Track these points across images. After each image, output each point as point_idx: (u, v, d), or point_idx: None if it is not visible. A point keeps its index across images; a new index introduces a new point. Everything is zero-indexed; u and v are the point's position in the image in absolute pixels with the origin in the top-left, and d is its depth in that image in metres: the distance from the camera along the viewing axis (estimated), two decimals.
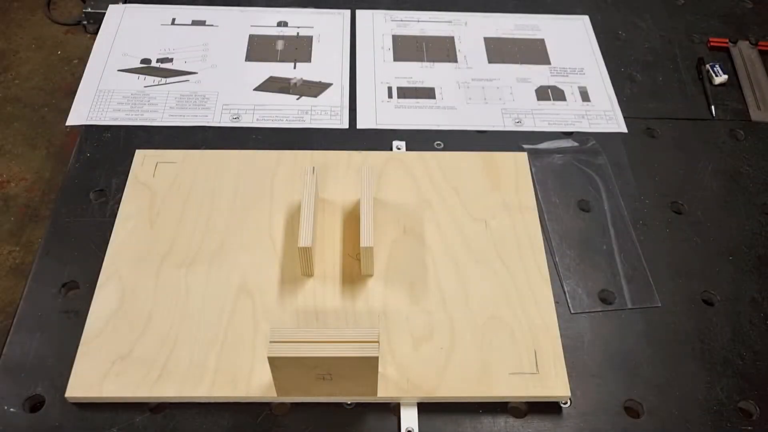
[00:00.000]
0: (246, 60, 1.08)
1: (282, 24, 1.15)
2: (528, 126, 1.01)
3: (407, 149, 0.96)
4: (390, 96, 1.04)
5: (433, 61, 1.10)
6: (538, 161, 0.95)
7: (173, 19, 1.14)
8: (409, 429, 0.70)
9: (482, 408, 0.72)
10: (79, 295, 0.79)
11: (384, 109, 1.02)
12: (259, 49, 1.10)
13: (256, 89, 1.04)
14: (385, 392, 0.71)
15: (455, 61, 1.10)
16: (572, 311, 0.81)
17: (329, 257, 0.82)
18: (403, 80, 1.07)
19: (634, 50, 1.13)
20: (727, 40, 1.14)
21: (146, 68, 1.06)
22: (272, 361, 0.64)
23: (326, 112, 1.01)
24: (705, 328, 0.80)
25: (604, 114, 1.03)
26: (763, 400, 0.74)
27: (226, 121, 0.99)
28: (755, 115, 1.05)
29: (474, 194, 0.89)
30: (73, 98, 1.01)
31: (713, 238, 0.89)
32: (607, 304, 0.82)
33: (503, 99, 1.05)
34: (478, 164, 0.93)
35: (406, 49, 1.12)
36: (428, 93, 1.05)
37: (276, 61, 1.09)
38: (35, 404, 0.71)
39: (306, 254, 0.77)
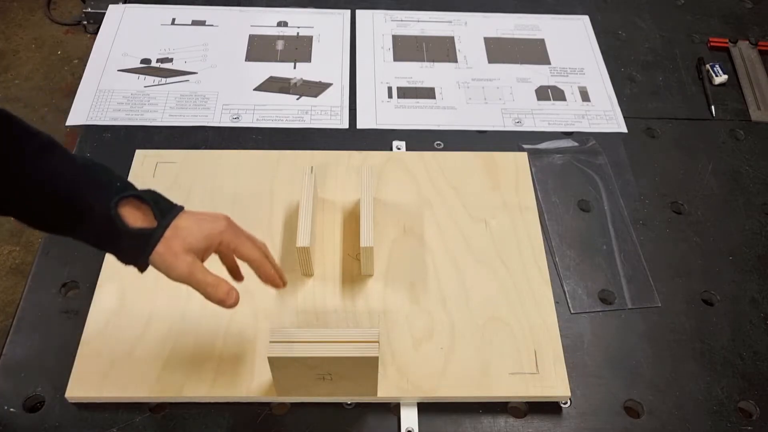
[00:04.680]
0: (246, 60, 1.08)
1: (282, 24, 1.15)
2: (528, 126, 1.01)
3: (407, 149, 0.96)
4: (390, 96, 1.04)
5: (433, 61, 1.10)
6: (538, 161, 0.95)
7: (173, 19, 1.14)
8: (409, 429, 0.70)
9: (482, 408, 0.72)
10: (79, 295, 0.79)
11: (384, 109, 1.02)
12: (259, 49, 1.10)
13: (256, 89, 1.04)
14: (385, 392, 0.71)
15: (455, 61, 1.10)
16: (572, 311, 0.81)
17: (329, 257, 0.82)
18: (403, 80, 1.07)
19: (634, 50, 1.13)
20: (727, 40, 1.14)
21: (146, 68, 1.06)
22: (272, 361, 0.64)
23: (326, 112, 1.01)
24: (705, 328, 0.80)
25: (604, 114, 1.03)
26: (763, 400, 0.74)
27: (226, 121, 0.99)
28: (755, 115, 1.05)
29: (474, 194, 0.89)
30: (73, 98, 1.01)
31: (713, 238, 0.89)
32: (607, 304, 0.82)
33: (503, 99, 1.05)
34: (478, 164, 0.93)
35: (406, 49, 1.12)
36: (428, 93, 1.05)
37: (276, 61, 1.09)
38: (35, 404, 0.71)
39: (305, 254, 0.77)
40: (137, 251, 0.60)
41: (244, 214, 0.85)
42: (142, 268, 0.62)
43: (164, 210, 0.62)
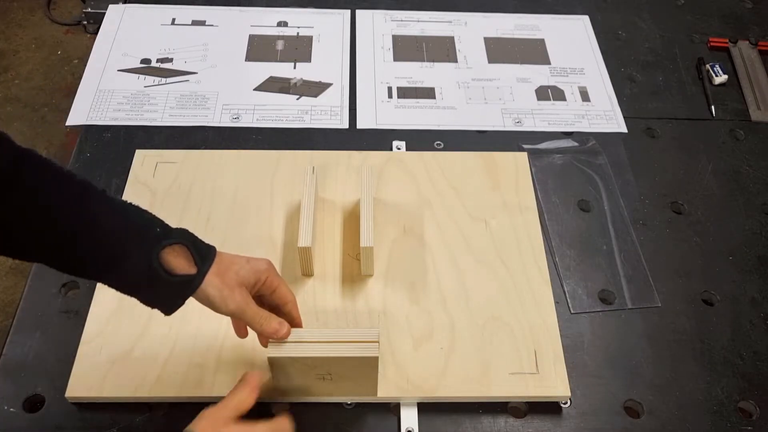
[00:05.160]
0: (246, 60, 1.08)
1: (282, 24, 1.15)
2: (528, 126, 1.01)
3: (407, 149, 0.96)
4: (390, 96, 1.04)
5: (433, 61, 1.10)
6: (538, 161, 0.95)
7: (173, 19, 1.14)
8: (409, 429, 0.70)
9: (482, 408, 0.72)
10: (79, 295, 0.79)
11: (384, 109, 1.02)
12: (259, 49, 1.10)
13: (256, 89, 1.04)
14: (385, 392, 0.71)
15: (455, 61, 1.10)
16: (572, 311, 0.81)
17: (329, 257, 0.82)
18: (403, 80, 1.07)
19: (634, 50, 1.13)
20: (727, 40, 1.14)
21: (146, 68, 1.06)
22: (272, 361, 0.64)
23: (326, 112, 1.01)
24: (705, 328, 0.80)
25: (604, 114, 1.03)
26: (763, 400, 0.74)
27: (226, 121, 0.99)
28: (755, 115, 1.05)
29: (474, 194, 0.89)
30: (73, 98, 1.01)
31: (713, 238, 0.89)
32: (607, 304, 0.82)
33: (503, 99, 1.05)
34: (478, 164, 0.93)
35: (406, 49, 1.12)
36: (428, 93, 1.05)
37: (276, 61, 1.09)
38: (35, 404, 0.71)
39: (306, 254, 0.77)
40: (175, 297, 0.60)
41: (244, 214, 0.85)
42: (168, 312, 0.60)
43: (203, 253, 0.61)
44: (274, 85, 1.05)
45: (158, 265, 0.57)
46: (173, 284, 0.59)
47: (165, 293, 0.59)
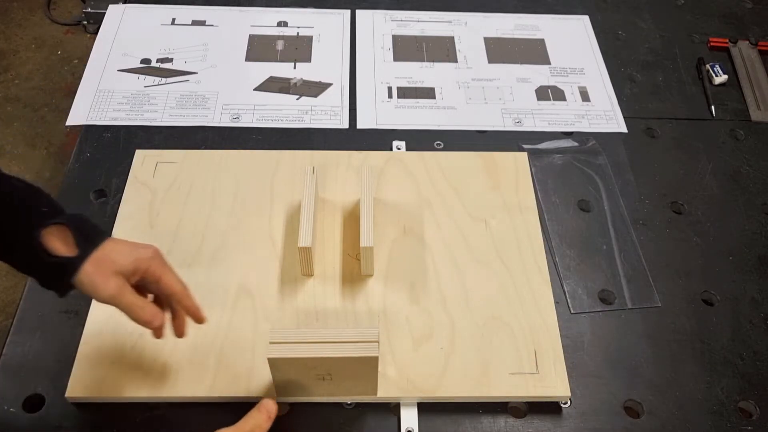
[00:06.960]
0: (246, 60, 1.08)
1: (282, 24, 1.15)
2: (528, 126, 1.01)
3: (407, 149, 0.96)
4: (390, 96, 1.04)
5: (433, 61, 1.10)
6: (538, 161, 0.95)
7: (173, 19, 1.14)
8: (409, 429, 0.70)
9: (482, 408, 0.72)
10: (79, 295, 0.78)
11: (384, 109, 1.02)
12: (259, 49, 1.10)
13: (256, 89, 1.04)
14: (385, 392, 0.71)
15: (455, 61, 1.10)
16: (572, 311, 0.81)
17: (329, 257, 0.82)
18: (403, 80, 1.07)
19: (634, 50, 1.13)
20: (727, 40, 1.14)
21: (146, 68, 1.06)
22: (272, 362, 0.64)
23: (326, 112, 1.01)
24: (705, 328, 0.80)
25: (604, 114, 1.03)
26: (763, 400, 0.75)
27: (226, 121, 0.99)
28: (755, 115, 1.05)
29: (474, 194, 0.89)
30: (73, 98, 1.01)
31: (713, 238, 0.89)
32: (607, 304, 0.82)
33: (503, 99, 1.05)
34: (478, 164, 0.93)
35: (406, 49, 1.12)
36: (428, 93, 1.05)
37: (276, 61, 1.09)
38: (35, 404, 0.71)
39: (306, 254, 0.77)
40: (56, 279, 0.61)
41: (244, 214, 0.85)
42: (61, 294, 0.62)
43: (88, 236, 0.62)
44: (274, 85, 1.05)
45: (38, 245, 0.59)
46: (50, 266, 0.60)
47: (48, 275, 0.61)
